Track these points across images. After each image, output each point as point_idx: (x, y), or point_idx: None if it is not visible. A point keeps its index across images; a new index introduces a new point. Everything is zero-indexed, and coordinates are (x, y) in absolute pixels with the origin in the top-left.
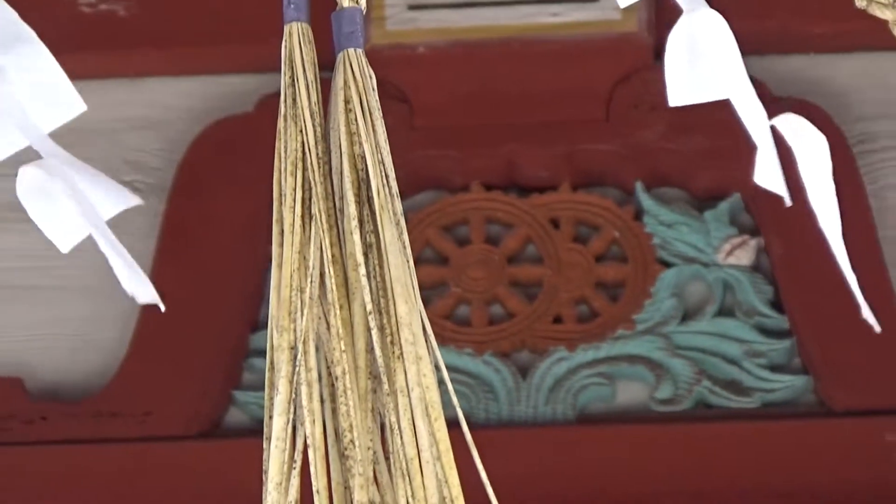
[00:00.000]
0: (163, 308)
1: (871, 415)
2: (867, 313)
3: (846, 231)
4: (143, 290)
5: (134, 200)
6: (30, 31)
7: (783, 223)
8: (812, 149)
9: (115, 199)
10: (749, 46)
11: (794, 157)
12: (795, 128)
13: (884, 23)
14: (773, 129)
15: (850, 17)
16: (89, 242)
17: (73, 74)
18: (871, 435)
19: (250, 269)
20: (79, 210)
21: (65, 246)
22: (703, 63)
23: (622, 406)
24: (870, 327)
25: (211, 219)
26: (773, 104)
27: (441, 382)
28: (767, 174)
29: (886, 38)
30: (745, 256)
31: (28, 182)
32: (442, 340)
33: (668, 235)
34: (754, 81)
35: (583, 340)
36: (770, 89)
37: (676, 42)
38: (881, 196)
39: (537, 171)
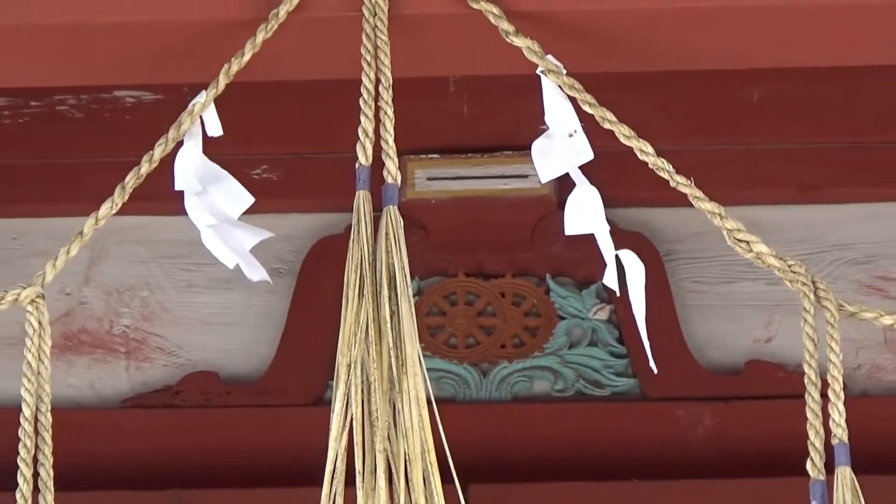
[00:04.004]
0: (271, 282)
1: (668, 400)
2: (652, 363)
3: (656, 304)
4: (257, 273)
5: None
6: (225, 172)
7: (623, 298)
8: (635, 270)
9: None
10: (608, 202)
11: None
12: (629, 258)
13: (684, 194)
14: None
15: (664, 189)
16: (249, 301)
17: (249, 211)
18: (668, 412)
19: (339, 317)
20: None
21: (229, 263)
22: (582, 215)
23: (536, 393)
24: (670, 355)
25: (320, 288)
26: (619, 233)
27: (438, 379)
28: (610, 276)
29: (685, 201)
30: (603, 315)
31: (208, 235)
32: (441, 356)
33: (563, 303)
34: (609, 222)
35: (516, 357)
36: (618, 225)
37: (570, 204)
38: (678, 285)
39: (494, 267)
